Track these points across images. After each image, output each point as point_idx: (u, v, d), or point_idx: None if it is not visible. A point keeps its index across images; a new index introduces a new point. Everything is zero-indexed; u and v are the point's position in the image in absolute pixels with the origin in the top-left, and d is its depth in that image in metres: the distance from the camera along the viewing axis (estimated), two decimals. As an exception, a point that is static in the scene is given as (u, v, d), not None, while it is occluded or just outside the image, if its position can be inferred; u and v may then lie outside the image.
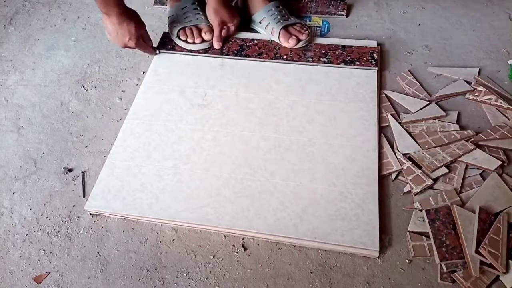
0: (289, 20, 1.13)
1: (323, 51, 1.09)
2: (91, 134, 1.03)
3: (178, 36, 1.14)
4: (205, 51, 1.14)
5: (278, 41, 1.12)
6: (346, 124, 0.96)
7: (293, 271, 0.79)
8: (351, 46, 1.09)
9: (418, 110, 0.98)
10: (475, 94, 1.01)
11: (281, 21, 1.12)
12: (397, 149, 0.92)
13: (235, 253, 0.81)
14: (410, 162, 0.89)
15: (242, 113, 0.99)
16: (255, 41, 1.16)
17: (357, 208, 0.82)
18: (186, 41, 1.14)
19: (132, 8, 1.03)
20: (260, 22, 1.15)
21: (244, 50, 1.13)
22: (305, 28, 1.14)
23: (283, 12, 1.15)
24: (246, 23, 1.20)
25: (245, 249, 0.82)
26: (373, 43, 1.13)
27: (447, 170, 0.87)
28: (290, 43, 1.10)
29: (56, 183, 0.94)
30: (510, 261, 0.73)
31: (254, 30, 1.19)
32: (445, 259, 0.74)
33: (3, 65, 1.22)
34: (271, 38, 1.14)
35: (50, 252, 0.84)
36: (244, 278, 0.78)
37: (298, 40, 1.11)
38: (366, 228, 0.79)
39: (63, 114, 1.08)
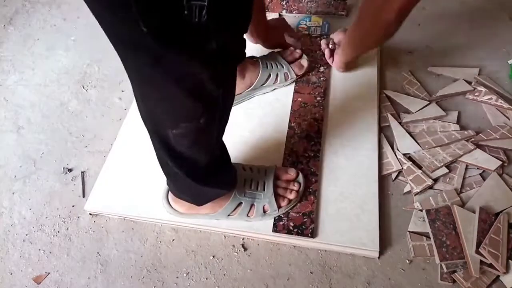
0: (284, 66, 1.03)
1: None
2: (91, 134, 1.03)
3: None
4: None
5: (295, 76, 1.02)
6: (346, 124, 0.96)
7: (293, 271, 0.79)
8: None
9: (418, 110, 0.98)
10: (475, 94, 1.01)
11: (284, 66, 1.02)
12: (397, 149, 0.92)
13: (235, 253, 0.81)
14: (410, 162, 0.89)
15: (242, 113, 0.99)
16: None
17: (357, 208, 0.82)
18: None
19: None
20: (265, 82, 1.02)
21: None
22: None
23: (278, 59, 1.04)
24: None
25: (245, 249, 0.82)
26: (373, 43, 1.12)
27: (447, 170, 0.87)
28: (304, 66, 1.04)
29: (56, 183, 0.94)
30: (510, 261, 0.73)
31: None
32: (445, 259, 0.74)
33: (3, 65, 1.22)
34: (288, 82, 1.03)
35: (50, 252, 0.84)
36: (244, 278, 0.78)
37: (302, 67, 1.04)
38: (366, 228, 0.79)
39: (63, 114, 1.08)
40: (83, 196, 0.91)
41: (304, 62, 1.04)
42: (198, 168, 0.67)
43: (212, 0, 0.40)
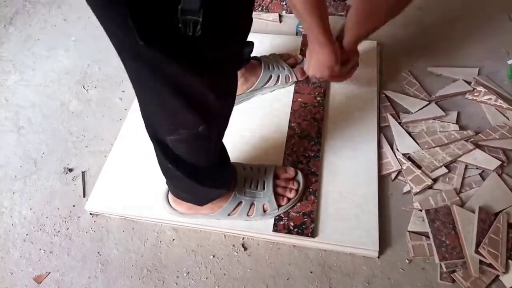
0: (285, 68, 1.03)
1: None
2: (91, 134, 1.03)
3: None
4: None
5: (296, 79, 1.03)
6: (346, 124, 0.96)
7: (293, 271, 0.79)
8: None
9: (418, 110, 0.98)
10: (475, 94, 1.01)
11: (286, 68, 1.03)
12: (397, 149, 0.92)
13: (235, 253, 0.82)
14: (410, 162, 0.89)
15: (242, 113, 0.99)
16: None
17: (357, 208, 0.82)
18: None
19: None
20: (266, 83, 1.02)
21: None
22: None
23: (278, 61, 1.04)
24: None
25: (245, 249, 0.82)
26: (373, 43, 1.13)
27: (447, 170, 0.87)
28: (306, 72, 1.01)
29: (56, 183, 0.94)
30: (509, 261, 0.73)
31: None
32: (444, 259, 0.75)
33: (3, 65, 1.22)
34: (288, 84, 1.04)
35: (50, 252, 0.84)
36: (244, 278, 0.78)
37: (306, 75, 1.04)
38: (366, 228, 0.79)
39: (63, 114, 1.08)
40: (84, 196, 0.92)
41: (306, 68, 1.02)
42: (197, 170, 0.67)
43: (207, 16, 0.40)
